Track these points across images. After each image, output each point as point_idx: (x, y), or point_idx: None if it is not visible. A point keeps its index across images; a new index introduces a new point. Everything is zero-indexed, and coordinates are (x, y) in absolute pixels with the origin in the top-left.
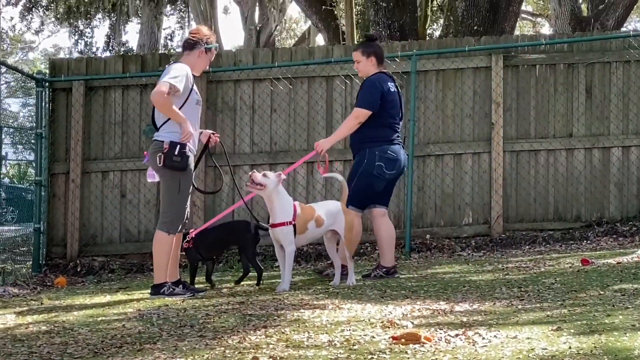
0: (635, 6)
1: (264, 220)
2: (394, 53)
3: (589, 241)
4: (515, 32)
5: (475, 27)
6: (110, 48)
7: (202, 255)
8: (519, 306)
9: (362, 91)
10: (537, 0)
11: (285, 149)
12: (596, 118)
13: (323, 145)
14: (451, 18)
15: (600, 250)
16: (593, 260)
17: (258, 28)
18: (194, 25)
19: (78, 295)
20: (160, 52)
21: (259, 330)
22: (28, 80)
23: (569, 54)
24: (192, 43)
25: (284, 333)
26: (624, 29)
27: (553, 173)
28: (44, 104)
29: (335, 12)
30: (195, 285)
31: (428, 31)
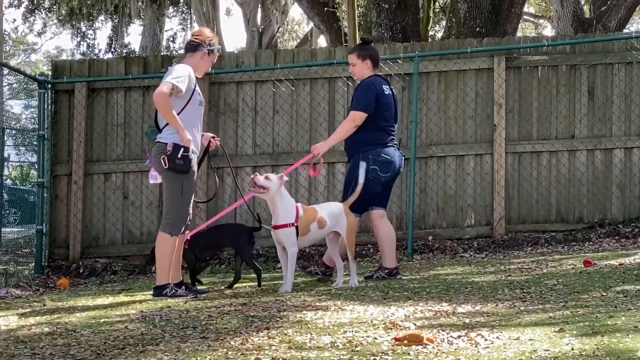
0: (637, 7)
1: (266, 221)
2: (397, 54)
3: (591, 242)
4: (518, 34)
5: (478, 29)
6: (112, 50)
7: (197, 257)
8: (522, 307)
9: (357, 94)
10: (540, 2)
11: (288, 151)
12: (598, 119)
13: (320, 148)
14: (453, 20)
15: (602, 252)
16: (595, 261)
17: (260, 30)
18: (196, 27)
19: (80, 296)
20: (162, 54)
21: (262, 331)
22: (30, 82)
23: (571, 55)
24: (195, 45)
25: (286, 334)
26: (626, 30)
27: (555, 174)
28: (46, 105)
29: (338, 14)
30: (198, 287)
31: (430, 33)
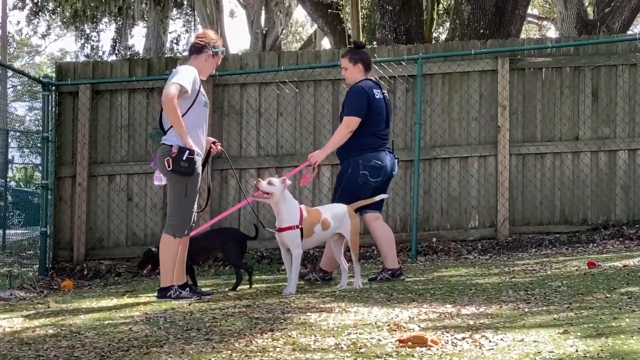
0: None
1: (270, 223)
2: (400, 56)
3: (595, 244)
4: (521, 36)
5: (482, 31)
6: (116, 52)
7: (193, 260)
8: (526, 309)
9: (349, 99)
10: (543, 4)
11: (292, 153)
12: (602, 121)
13: (317, 157)
14: (457, 21)
15: (606, 253)
16: (599, 263)
17: (264, 32)
18: (200, 29)
19: (85, 298)
20: (166, 56)
21: (266, 333)
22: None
23: (575, 57)
24: (199, 47)
25: (290, 336)
26: (630, 32)
27: (559, 176)
28: (50, 107)
29: (341, 16)
30: (201, 288)
31: (434, 34)
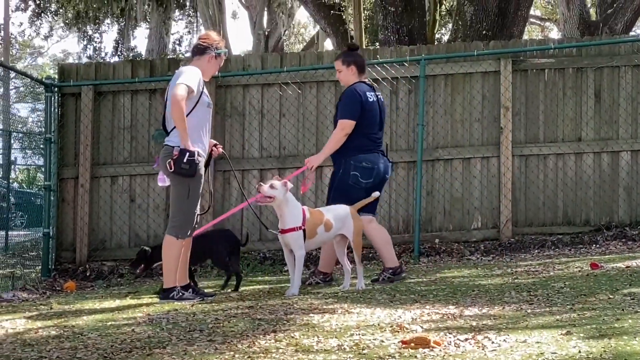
0: None
1: (273, 224)
2: (403, 57)
3: (598, 245)
4: (524, 37)
5: (484, 32)
6: (118, 53)
7: (191, 262)
8: (528, 310)
9: (343, 102)
10: (546, 5)
11: (294, 154)
12: (605, 122)
13: (313, 161)
14: (460, 22)
15: (609, 254)
16: (602, 264)
17: (267, 33)
18: (202, 30)
19: (87, 299)
20: (168, 57)
21: (269, 334)
22: (37, 86)
23: (577, 58)
24: (202, 48)
25: (293, 337)
26: (633, 33)
27: (562, 177)
28: (53, 109)
29: (344, 17)
30: (204, 290)
31: (437, 36)
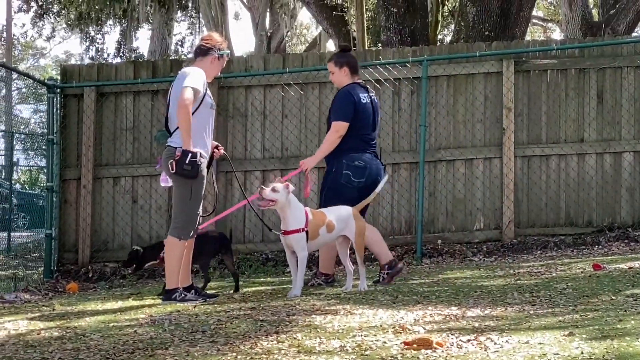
0: None
1: (275, 225)
2: (405, 58)
3: (600, 246)
4: (526, 38)
5: (487, 33)
6: (121, 54)
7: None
8: (531, 311)
9: (336, 103)
10: (548, 6)
11: (297, 155)
12: (607, 123)
13: (308, 163)
14: (462, 23)
15: (611, 255)
16: (605, 265)
17: (269, 34)
18: (204, 31)
19: (90, 301)
20: (171, 58)
21: (271, 335)
22: (39, 87)
23: (580, 59)
24: (205, 49)
25: (295, 339)
26: (635, 34)
27: (564, 178)
28: (55, 110)
29: (346, 18)
30: (207, 291)
31: (439, 36)
